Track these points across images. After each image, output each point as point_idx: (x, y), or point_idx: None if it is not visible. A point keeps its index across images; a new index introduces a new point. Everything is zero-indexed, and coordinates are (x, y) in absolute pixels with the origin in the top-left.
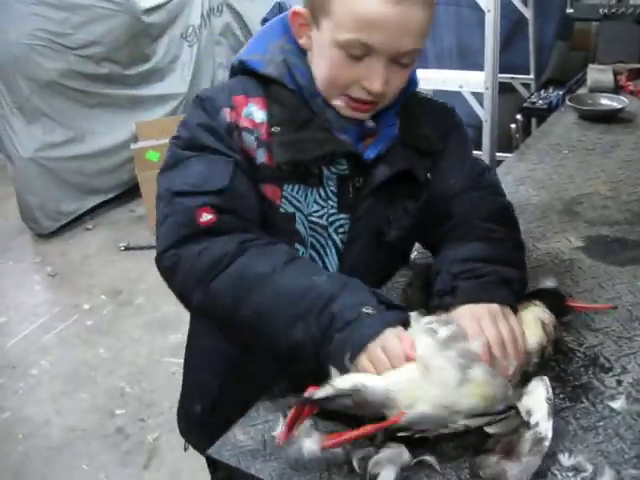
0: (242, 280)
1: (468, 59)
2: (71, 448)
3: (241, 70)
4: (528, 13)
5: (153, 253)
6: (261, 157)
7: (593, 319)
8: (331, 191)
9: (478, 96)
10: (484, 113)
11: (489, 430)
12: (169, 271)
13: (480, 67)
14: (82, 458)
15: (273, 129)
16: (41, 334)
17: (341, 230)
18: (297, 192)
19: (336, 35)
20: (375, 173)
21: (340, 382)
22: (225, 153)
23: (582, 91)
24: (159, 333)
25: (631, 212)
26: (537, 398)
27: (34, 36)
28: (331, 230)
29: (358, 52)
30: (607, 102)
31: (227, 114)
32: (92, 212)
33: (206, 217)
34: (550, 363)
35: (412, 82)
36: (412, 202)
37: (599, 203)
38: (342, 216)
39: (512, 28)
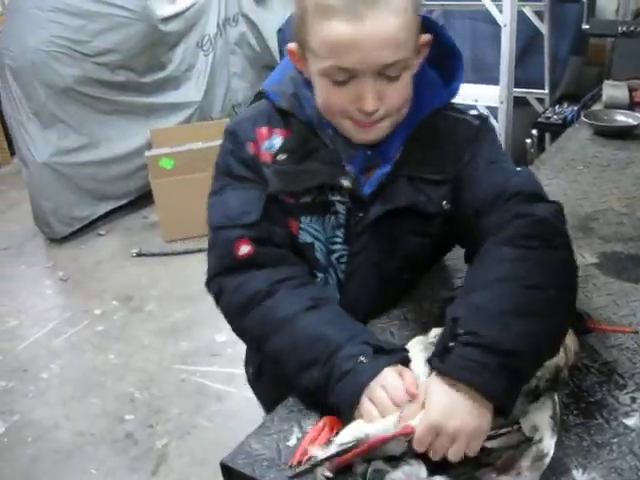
0: (267, 321)
1: (482, 72)
2: (80, 452)
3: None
4: (544, 28)
5: (165, 260)
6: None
7: (608, 336)
8: (340, 223)
9: (492, 110)
10: (498, 127)
11: (488, 445)
12: (216, 297)
13: (494, 80)
14: (91, 462)
15: (278, 157)
16: (52, 338)
17: (342, 260)
18: (314, 222)
19: (318, 66)
20: (370, 210)
21: (342, 437)
22: (257, 182)
23: (597, 107)
24: (170, 340)
25: None
26: (543, 415)
27: (52, 43)
28: (333, 258)
29: (341, 77)
30: (622, 118)
31: (250, 147)
32: (105, 218)
33: (244, 249)
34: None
35: (426, 101)
36: (418, 236)
37: (614, 219)
38: (345, 247)
39: (527, 42)
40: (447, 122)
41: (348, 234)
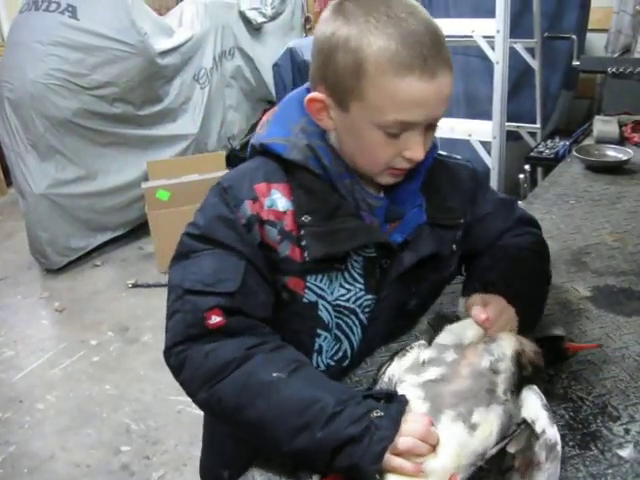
0: (247, 387)
1: (475, 106)
2: None
3: (261, 152)
4: (535, 64)
5: (161, 291)
6: (285, 250)
7: (601, 369)
8: (357, 273)
9: (486, 144)
10: (491, 161)
11: (510, 450)
12: (176, 368)
13: (486, 114)
14: None
15: (303, 218)
16: (48, 369)
17: (367, 310)
18: (321, 281)
19: (374, 118)
20: (402, 258)
21: None
22: (239, 250)
23: (588, 142)
24: (166, 371)
25: (637, 263)
26: (534, 407)
27: (51, 75)
28: (359, 312)
29: (397, 130)
30: (613, 153)
31: (249, 207)
32: (101, 249)
33: (215, 319)
34: (559, 411)
35: (434, 146)
36: (436, 275)
37: (606, 253)
38: (369, 297)
39: (519, 77)
40: (448, 167)
41: (370, 283)
